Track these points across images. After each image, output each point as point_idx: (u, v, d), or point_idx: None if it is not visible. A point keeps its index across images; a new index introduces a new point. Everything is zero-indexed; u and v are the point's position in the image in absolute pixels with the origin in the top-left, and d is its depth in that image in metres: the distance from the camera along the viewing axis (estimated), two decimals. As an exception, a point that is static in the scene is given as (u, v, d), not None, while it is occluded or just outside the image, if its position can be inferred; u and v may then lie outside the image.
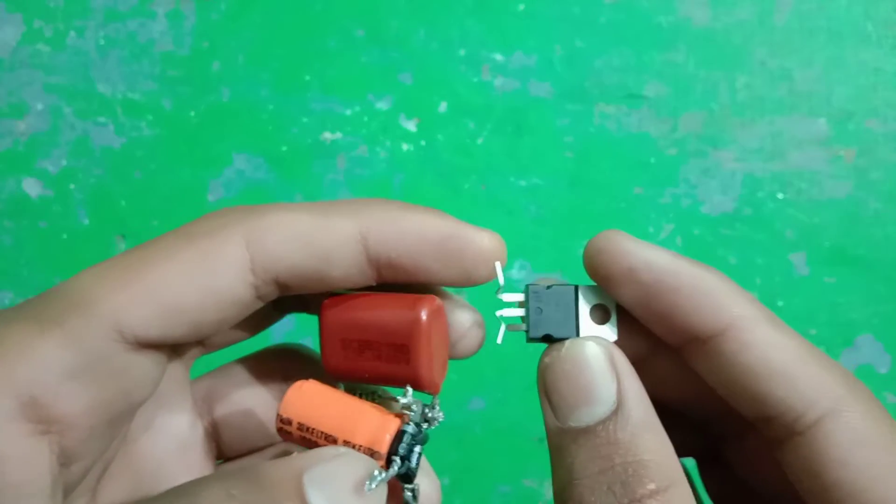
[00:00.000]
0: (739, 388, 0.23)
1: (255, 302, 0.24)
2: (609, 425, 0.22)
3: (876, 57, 0.50)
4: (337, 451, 0.21)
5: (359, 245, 0.23)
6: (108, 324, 0.21)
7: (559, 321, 0.25)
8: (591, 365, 0.23)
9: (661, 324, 0.24)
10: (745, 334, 0.23)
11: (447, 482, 0.48)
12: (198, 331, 0.23)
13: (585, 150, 0.51)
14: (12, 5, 0.52)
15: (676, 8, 0.51)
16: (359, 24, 0.52)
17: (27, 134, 0.51)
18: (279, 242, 0.23)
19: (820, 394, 0.22)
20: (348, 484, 0.21)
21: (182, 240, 0.23)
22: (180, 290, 0.22)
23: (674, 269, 0.24)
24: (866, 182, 0.49)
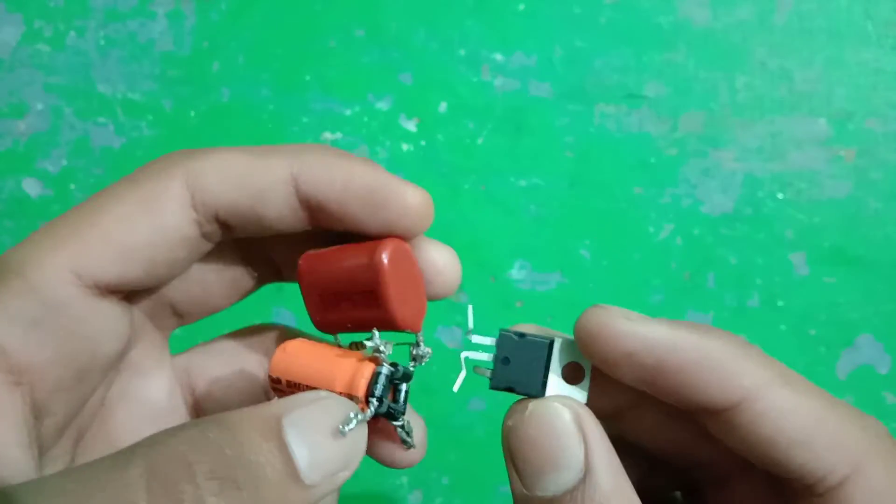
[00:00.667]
0: (758, 455, 0.22)
1: (201, 241, 0.25)
2: (577, 495, 0.21)
3: (876, 57, 0.50)
4: (317, 395, 0.21)
5: (290, 186, 0.24)
6: (66, 270, 0.22)
7: (526, 375, 0.24)
8: (556, 429, 0.22)
9: (669, 399, 0.23)
10: (759, 404, 0.22)
11: (447, 482, 0.48)
12: (153, 270, 0.24)
13: (585, 150, 0.51)
14: (12, 5, 0.52)
15: (676, 8, 0.51)
16: (359, 24, 0.52)
17: (27, 134, 0.51)
18: (216, 181, 0.24)
19: (840, 456, 0.21)
20: (326, 426, 0.20)
21: (128, 184, 0.24)
22: (130, 230, 0.23)
23: (675, 346, 0.22)
24: (866, 182, 0.49)
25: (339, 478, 0.20)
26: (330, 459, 0.20)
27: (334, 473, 0.20)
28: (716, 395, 0.22)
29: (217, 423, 0.19)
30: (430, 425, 0.50)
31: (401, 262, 0.24)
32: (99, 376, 0.25)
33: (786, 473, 0.22)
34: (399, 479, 0.49)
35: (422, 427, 0.26)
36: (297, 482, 0.19)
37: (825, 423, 0.22)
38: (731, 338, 0.23)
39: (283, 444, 0.19)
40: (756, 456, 0.22)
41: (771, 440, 0.22)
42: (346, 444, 0.20)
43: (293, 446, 0.19)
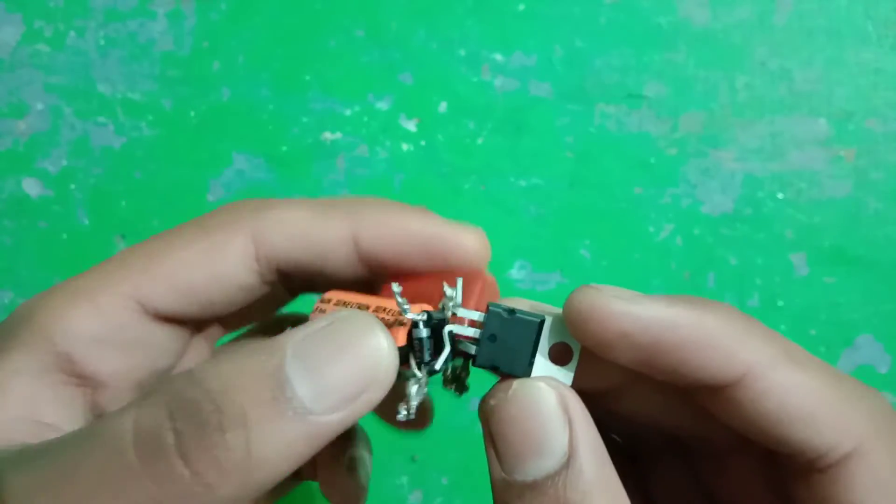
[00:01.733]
0: (758, 432, 0.22)
1: (261, 286, 0.26)
2: (559, 481, 0.20)
3: (876, 57, 0.50)
4: (333, 316, 0.20)
5: (350, 244, 0.25)
6: (131, 298, 0.24)
7: (512, 355, 0.22)
8: (541, 410, 0.21)
9: (666, 377, 0.22)
10: (761, 382, 0.21)
11: (447, 482, 0.48)
12: (208, 310, 0.26)
13: (585, 150, 0.51)
14: (12, 5, 0.52)
15: (676, 8, 0.51)
16: (359, 24, 0.52)
17: (27, 134, 0.51)
18: (280, 239, 0.25)
19: (843, 434, 0.21)
20: (335, 347, 0.19)
21: (197, 230, 0.25)
22: (192, 274, 0.25)
23: (672, 323, 0.21)
24: (866, 182, 0.49)
25: (360, 402, 0.19)
26: (346, 384, 0.19)
27: (352, 399, 0.19)
28: (716, 372, 0.21)
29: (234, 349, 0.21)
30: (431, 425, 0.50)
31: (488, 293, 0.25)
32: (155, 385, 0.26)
33: (787, 450, 0.22)
34: (399, 479, 0.49)
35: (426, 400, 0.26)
36: (301, 418, 0.18)
37: (828, 399, 0.21)
38: (731, 312, 0.22)
39: (283, 377, 0.18)
40: (756, 433, 0.22)
41: (773, 418, 0.21)
42: (361, 363, 0.19)
43: (292, 376, 0.18)
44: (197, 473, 0.17)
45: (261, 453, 0.17)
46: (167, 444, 0.17)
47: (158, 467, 0.17)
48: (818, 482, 0.21)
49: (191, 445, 0.17)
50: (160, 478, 0.17)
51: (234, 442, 0.17)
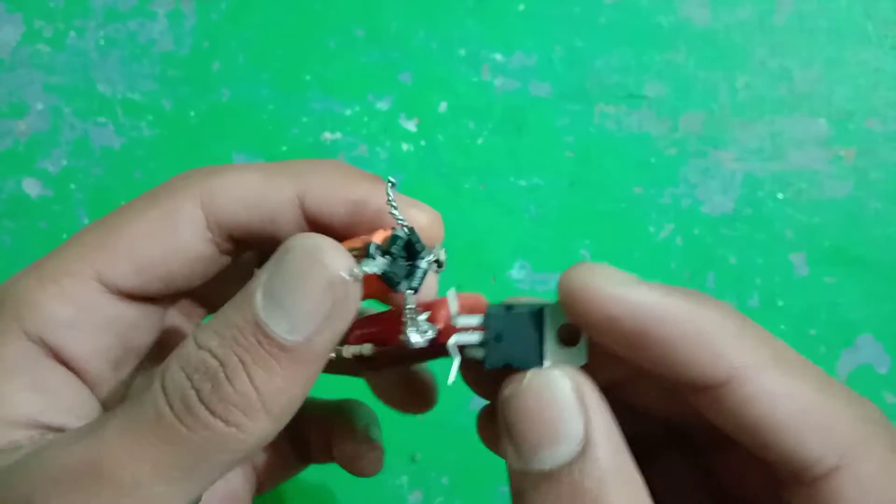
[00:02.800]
0: (744, 436, 0.21)
1: (218, 256, 0.26)
2: (574, 470, 0.20)
3: (876, 57, 0.50)
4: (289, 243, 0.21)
5: (297, 207, 0.25)
6: (94, 279, 0.24)
7: (521, 349, 0.22)
8: (555, 399, 0.20)
9: (653, 370, 0.21)
10: (747, 387, 0.20)
11: (447, 482, 0.48)
12: (171, 283, 0.26)
13: (585, 150, 0.51)
14: (12, 5, 0.52)
15: (676, 8, 0.51)
16: (359, 24, 0.52)
17: (27, 134, 0.51)
18: (228, 202, 0.25)
19: (830, 446, 0.20)
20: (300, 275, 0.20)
21: (149, 200, 0.26)
22: (147, 246, 0.25)
23: (663, 314, 0.20)
24: (866, 182, 0.49)
25: (334, 319, 0.20)
26: (313, 308, 0.20)
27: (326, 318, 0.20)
28: (702, 371, 0.20)
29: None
30: (430, 425, 0.50)
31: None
32: (133, 366, 0.27)
33: (773, 458, 0.21)
34: (399, 479, 0.49)
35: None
36: (287, 350, 0.20)
37: (816, 409, 0.20)
38: (725, 310, 0.21)
39: (259, 321, 0.20)
40: (742, 437, 0.21)
41: (757, 424, 0.20)
42: (320, 285, 0.20)
43: (263, 315, 0.20)
44: (224, 420, 0.20)
45: (267, 390, 0.20)
46: (193, 401, 0.20)
47: (194, 420, 0.20)
48: (807, 495, 0.21)
49: (211, 398, 0.20)
50: (198, 428, 0.20)
51: (242, 388, 0.20)
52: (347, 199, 0.25)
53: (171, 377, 0.20)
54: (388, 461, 0.49)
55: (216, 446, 0.20)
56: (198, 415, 0.20)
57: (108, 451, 0.20)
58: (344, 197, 0.25)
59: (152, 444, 0.20)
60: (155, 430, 0.20)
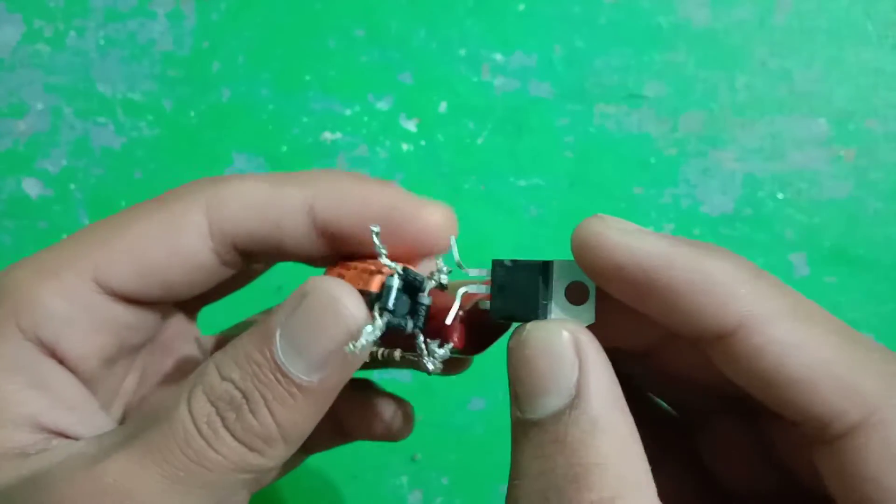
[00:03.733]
0: (758, 391, 0.20)
1: (220, 267, 0.26)
2: (561, 420, 0.19)
3: (876, 57, 0.50)
4: (304, 290, 0.22)
5: (306, 215, 0.25)
6: (92, 278, 0.24)
7: (523, 301, 0.22)
8: (552, 350, 0.20)
9: (663, 321, 0.21)
10: (757, 336, 0.19)
11: (447, 482, 0.48)
12: (169, 289, 0.26)
13: (585, 150, 0.51)
14: (12, 5, 0.52)
15: (676, 8, 0.51)
16: (359, 24, 0.52)
17: (27, 134, 0.51)
18: (234, 211, 0.25)
19: (850, 402, 0.19)
20: (317, 322, 0.21)
21: (155, 205, 0.26)
22: (148, 250, 0.25)
23: (668, 262, 0.20)
24: (866, 182, 0.49)
25: (347, 363, 0.22)
26: (327, 353, 0.21)
27: (339, 362, 0.22)
28: (710, 319, 0.20)
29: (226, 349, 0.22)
30: (430, 425, 0.50)
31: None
32: (128, 362, 0.27)
33: (789, 415, 0.20)
34: (399, 479, 0.49)
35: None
36: (303, 388, 0.21)
37: (836, 361, 0.19)
38: (738, 261, 0.20)
39: (278, 360, 0.21)
40: (756, 392, 0.20)
41: (768, 377, 0.20)
42: (336, 333, 0.21)
43: (283, 357, 0.21)
44: (248, 446, 0.21)
45: (285, 423, 0.22)
46: (219, 427, 0.21)
47: (220, 444, 0.21)
48: (830, 453, 0.20)
49: (235, 427, 0.21)
50: (225, 451, 0.21)
51: (263, 420, 0.21)
52: (358, 204, 0.25)
53: (198, 403, 0.22)
54: (388, 461, 0.49)
55: (239, 467, 0.22)
56: (224, 439, 0.21)
57: (135, 471, 0.21)
58: (355, 201, 0.25)
59: (181, 464, 0.21)
60: (184, 450, 0.21)
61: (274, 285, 0.35)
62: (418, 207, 0.24)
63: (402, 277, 0.22)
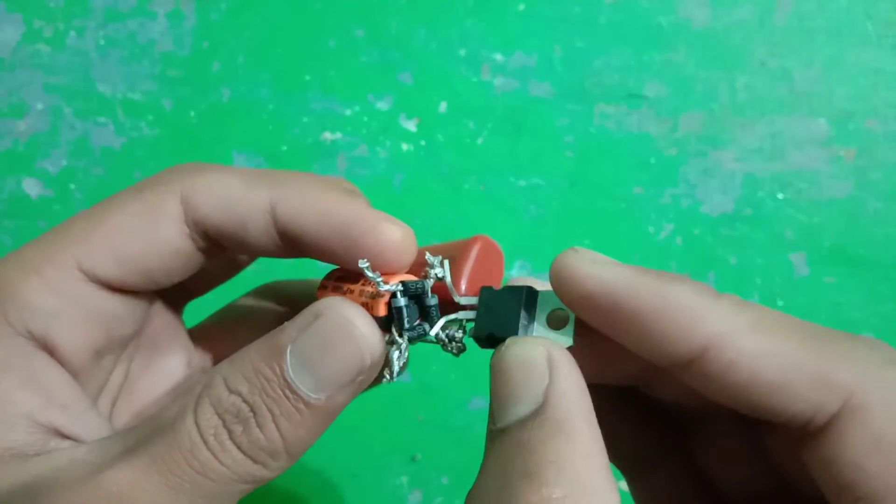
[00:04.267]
0: (738, 404, 0.21)
1: (197, 254, 0.26)
2: (526, 426, 0.20)
3: (876, 57, 0.50)
4: (317, 309, 0.22)
5: (269, 216, 0.25)
6: (75, 269, 0.25)
7: (504, 321, 0.24)
8: (524, 362, 0.21)
9: (636, 348, 0.22)
10: (726, 353, 0.20)
11: (447, 482, 0.48)
12: (150, 277, 0.26)
13: (585, 150, 0.51)
14: (12, 5, 0.52)
15: (676, 8, 0.51)
16: (359, 24, 0.52)
17: (27, 134, 0.51)
18: (205, 202, 0.25)
19: (826, 394, 0.20)
20: (328, 343, 0.22)
21: (134, 193, 0.26)
22: (127, 239, 0.25)
23: (632, 291, 0.21)
24: (866, 182, 0.49)
25: (356, 384, 0.22)
26: (339, 374, 0.22)
27: (348, 384, 0.22)
28: (678, 343, 0.21)
29: (231, 361, 0.22)
30: (430, 425, 0.50)
31: (488, 254, 0.26)
32: (116, 355, 0.27)
33: (774, 419, 0.21)
34: (399, 479, 0.49)
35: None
36: (310, 406, 0.22)
37: (806, 359, 0.20)
38: (698, 285, 0.21)
39: (288, 378, 0.22)
40: (739, 405, 0.21)
41: (747, 388, 0.20)
42: (348, 356, 0.22)
43: (292, 374, 0.22)
44: (253, 458, 0.22)
45: (290, 437, 0.22)
46: (225, 440, 0.22)
47: (226, 456, 0.22)
48: (814, 447, 0.20)
49: (242, 440, 0.22)
50: (228, 462, 0.22)
51: (270, 434, 0.22)
52: (317, 213, 0.25)
53: (205, 415, 0.22)
54: (388, 461, 0.49)
55: (242, 478, 0.22)
56: (230, 452, 0.22)
57: (138, 481, 0.21)
58: (316, 209, 0.25)
59: (185, 475, 0.21)
60: (190, 461, 0.21)
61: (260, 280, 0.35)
62: (377, 224, 0.24)
63: (403, 293, 0.24)
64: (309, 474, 0.49)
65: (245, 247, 0.26)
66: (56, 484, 0.21)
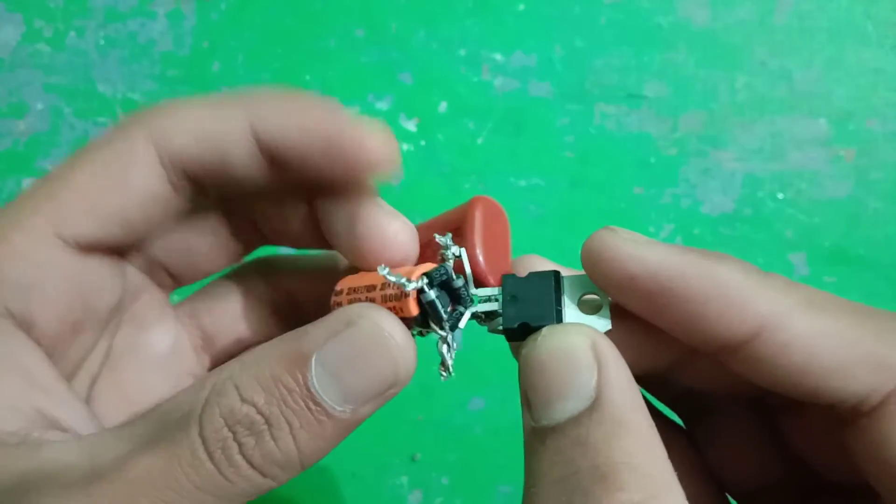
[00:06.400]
0: (788, 387, 0.20)
1: (175, 196, 0.25)
2: (581, 423, 0.19)
3: (876, 57, 0.50)
4: (348, 316, 0.21)
5: (251, 138, 0.24)
6: (48, 232, 0.23)
7: (538, 307, 0.22)
8: (569, 354, 0.20)
9: (681, 332, 0.21)
10: (781, 334, 0.20)
11: (447, 482, 0.48)
12: (129, 228, 0.24)
13: (585, 150, 0.51)
14: (12, 5, 0.52)
15: (676, 8, 0.51)
16: (359, 24, 0.52)
17: (27, 134, 0.51)
18: (180, 138, 0.24)
19: (882, 374, 0.19)
20: (358, 353, 0.20)
21: (100, 144, 0.24)
22: (100, 190, 0.23)
23: (681, 272, 0.20)
24: (866, 182, 0.49)
25: (385, 397, 0.21)
26: (369, 387, 0.20)
27: (377, 397, 0.21)
28: (731, 326, 0.20)
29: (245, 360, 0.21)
30: (430, 425, 0.50)
31: (492, 215, 0.25)
32: (97, 328, 0.26)
33: (825, 401, 0.20)
34: (399, 479, 0.49)
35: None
36: (332, 418, 0.20)
37: (861, 342, 0.20)
38: (745, 265, 0.20)
39: (312, 387, 0.20)
40: (788, 388, 0.20)
41: (800, 370, 0.20)
42: (381, 369, 0.20)
43: (317, 385, 0.20)
44: (263, 473, 0.20)
45: (306, 450, 0.20)
46: (234, 453, 0.20)
47: (232, 472, 0.20)
48: (865, 427, 0.20)
49: (253, 454, 0.20)
50: (235, 478, 0.20)
51: (285, 447, 0.20)
52: (299, 125, 0.24)
53: (213, 426, 0.20)
54: (388, 461, 0.49)
55: (246, 492, 0.20)
56: (239, 467, 0.20)
57: (128, 499, 0.19)
58: (296, 121, 0.24)
59: (186, 492, 0.20)
60: (190, 475, 0.20)
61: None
62: (357, 132, 0.23)
63: (430, 285, 0.22)
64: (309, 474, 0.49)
65: (229, 179, 0.25)
66: (43, 490, 0.20)
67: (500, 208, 0.26)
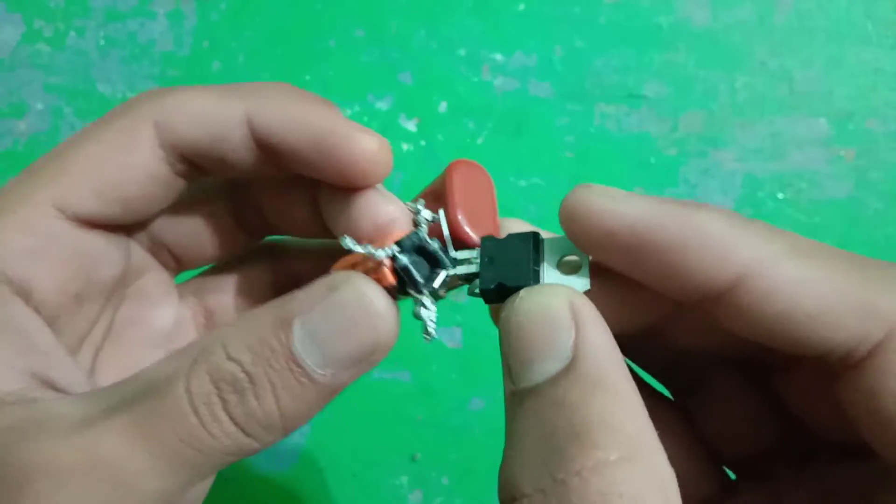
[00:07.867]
0: (774, 337, 0.20)
1: (175, 179, 0.26)
2: (559, 383, 0.18)
3: (876, 57, 0.50)
4: (332, 281, 0.21)
5: (245, 127, 0.25)
6: (50, 206, 0.24)
7: (515, 270, 0.21)
8: (545, 315, 0.19)
9: (663, 285, 0.21)
10: (765, 280, 0.19)
11: (447, 482, 0.48)
12: (129, 206, 0.25)
13: (585, 150, 0.51)
14: (12, 5, 0.52)
15: (676, 8, 0.51)
16: (359, 24, 0.52)
17: (27, 134, 0.51)
18: (179, 120, 0.25)
19: (872, 323, 0.19)
20: (342, 319, 0.20)
21: (102, 124, 0.25)
22: (102, 168, 0.24)
23: (659, 222, 0.20)
24: (866, 182, 0.49)
25: (367, 363, 0.21)
26: (350, 352, 0.21)
27: (359, 362, 0.21)
28: (711, 273, 0.19)
29: (234, 325, 0.21)
30: (430, 425, 0.50)
31: (473, 177, 0.25)
32: (100, 300, 0.27)
33: (811, 352, 0.20)
34: (399, 479, 0.49)
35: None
36: (314, 382, 0.21)
37: (848, 289, 0.19)
38: (726, 212, 0.20)
39: (294, 350, 0.20)
40: (773, 339, 0.20)
41: (786, 318, 0.19)
42: (363, 334, 0.21)
43: (299, 347, 0.20)
44: (245, 431, 0.21)
45: (288, 411, 0.21)
46: (218, 409, 0.20)
47: (215, 427, 0.20)
48: (855, 379, 0.19)
49: (236, 411, 0.20)
50: (218, 434, 0.20)
51: (267, 406, 0.20)
52: (295, 121, 0.24)
53: (199, 382, 0.20)
54: (388, 461, 0.49)
55: (229, 451, 0.21)
56: (222, 423, 0.20)
57: (122, 446, 0.20)
58: (293, 117, 0.24)
59: (169, 443, 0.20)
60: (176, 429, 0.20)
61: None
62: (353, 134, 0.24)
63: (402, 251, 0.22)
64: (309, 474, 0.49)
65: (224, 164, 0.25)
66: (33, 436, 0.20)
67: (482, 170, 0.26)
